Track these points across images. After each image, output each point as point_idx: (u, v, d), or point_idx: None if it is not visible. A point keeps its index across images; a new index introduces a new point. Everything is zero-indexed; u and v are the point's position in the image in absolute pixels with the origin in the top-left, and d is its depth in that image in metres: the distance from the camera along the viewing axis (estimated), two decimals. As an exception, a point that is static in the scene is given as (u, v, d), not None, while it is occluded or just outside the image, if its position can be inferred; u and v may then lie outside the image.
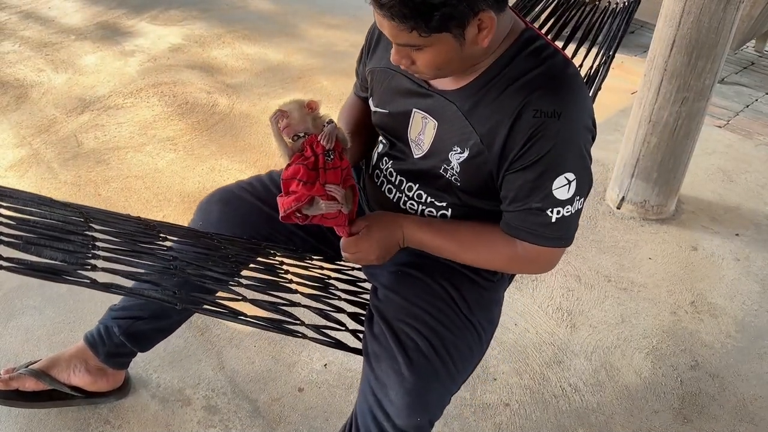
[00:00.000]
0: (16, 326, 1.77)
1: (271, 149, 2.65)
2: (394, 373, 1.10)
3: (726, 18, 2.06)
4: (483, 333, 1.21)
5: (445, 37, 0.99)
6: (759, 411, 1.74)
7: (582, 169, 1.07)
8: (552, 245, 1.12)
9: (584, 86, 1.11)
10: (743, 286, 2.16)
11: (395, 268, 1.25)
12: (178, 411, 1.58)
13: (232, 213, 1.36)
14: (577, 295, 2.05)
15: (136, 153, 2.56)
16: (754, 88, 3.64)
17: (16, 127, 2.66)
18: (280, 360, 1.74)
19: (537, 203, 1.07)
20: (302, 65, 3.40)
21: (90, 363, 1.49)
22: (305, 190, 1.11)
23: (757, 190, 2.68)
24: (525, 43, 1.08)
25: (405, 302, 1.18)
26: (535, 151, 1.04)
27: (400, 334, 1.14)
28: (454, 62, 1.04)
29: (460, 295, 1.20)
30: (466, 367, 1.19)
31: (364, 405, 1.16)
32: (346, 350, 1.21)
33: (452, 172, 1.15)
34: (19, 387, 1.46)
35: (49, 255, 0.89)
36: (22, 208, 1.00)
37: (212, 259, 1.18)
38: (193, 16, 3.89)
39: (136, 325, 1.44)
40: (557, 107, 1.03)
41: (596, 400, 1.72)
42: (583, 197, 1.10)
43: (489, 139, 1.08)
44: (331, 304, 1.24)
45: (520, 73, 1.06)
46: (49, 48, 3.35)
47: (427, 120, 1.15)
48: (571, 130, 1.04)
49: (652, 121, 2.27)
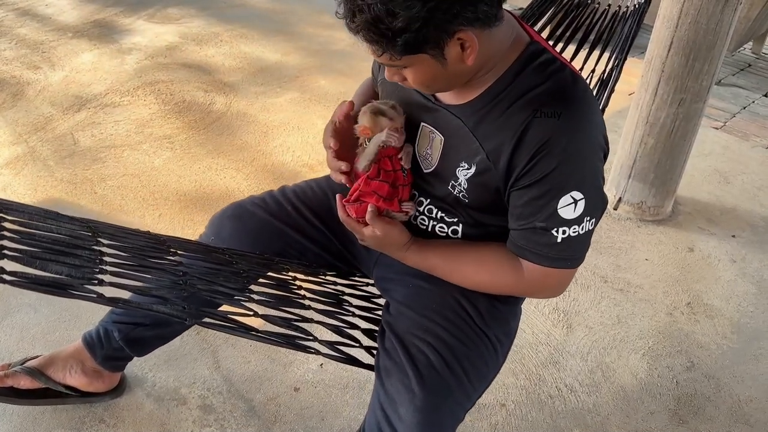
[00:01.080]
0: (11, 324, 1.76)
1: (268, 148, 2.65)
2: (405, 389, 1.07)
3: (723, 20, 2.06)
4: (499, 346, 1.18)
5: (423, 58, 0.96)
6: (754, 412, 1.74)
7: (591, 188, 1.03)
8: (557, 266, 1.07)
9: (593, 101, 1.06)
10: (739, 288, 2.16)
11: (409, 283, 1.23)
12: (173, 410, 1.58)
13: (244, 229, 1.34)
14: (574, 295, 2.05)
15: (133, 151, 2.55)
16: (751, 90, 3.65)
17: (12, 125, 2.65)
18: (276, 359, 1.73)
19: (541, 222, 1.04)
20: (300, 64, 3.40)
21: (86, 364, 1.48)
22: (384, 205, 1.14)
23: (753, 191, 2.69)
24: (530, 57, 1.04)
25: (417, 316, 1.15)
26: (540, 169, 1.01)
27: (411, 348, 1.10)
28: (441, 80, 1.02)
29: (473, 306, 1.16)
30: (481, 382, 1.15)
31: (372, 420, 1.13)
32: (360, 366, 1.19)
33: (460, 188, 1.12)
34: (14, 384, 1.45)
35: (55, 269, 0.88)
36: (28, 222, 0.99)
37: (223, 275, 1.16)
38: (191, 14, 3.88)
39: (137, 331, 1.43)
40: (563, 123, 0.99)
41: (592, 400, 1.72)
42: (593, 218, 1.05)
43: (495, 156, 1.04)
44: (345, 321, 1.22)
45: (525, 88, 1.02)
46: (45, 46, 3.34)
47: (434, 135, 1.13)
48: (578, 147, 1.01)
49: (650, 123, 2.28)
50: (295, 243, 1.34)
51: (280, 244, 1.34)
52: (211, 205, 2.28)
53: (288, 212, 1.35)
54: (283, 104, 3.00)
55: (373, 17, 0.90)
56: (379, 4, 0.88)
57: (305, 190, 1.38)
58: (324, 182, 1.40)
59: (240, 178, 2.44)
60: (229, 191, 2.37)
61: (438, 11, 0.89)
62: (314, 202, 1.36)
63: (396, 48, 0.93)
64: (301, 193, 1.38)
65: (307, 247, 1.35)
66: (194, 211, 2.25)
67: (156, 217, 2.19)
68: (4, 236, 0.90)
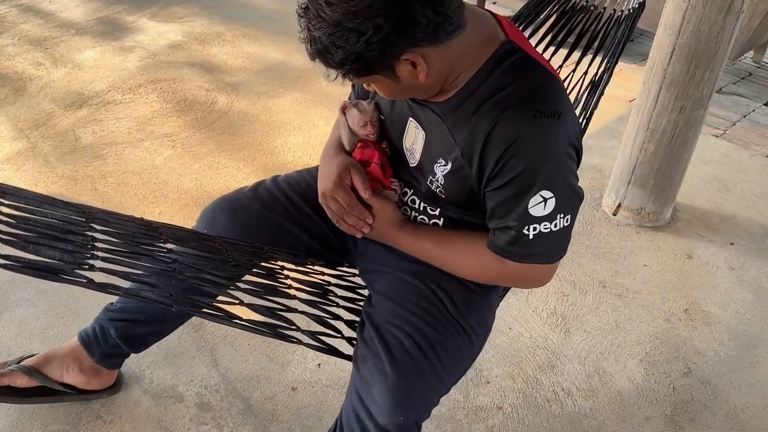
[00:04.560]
0: (9, 319, 1.76)
1: (269, 147, 2.65)
2: (378, 372, 1.10)
3: (725, 28, 2.07)
4: (473, 335, 1.21)
5: (377, 77, 1.01)
6: (750, 420, 1.74)
7: (562, 186, 1.04)
8: (533, 262, 1.10)
9: (565, 99, 1.05)
10: (737, 295, 2.16)
11: (390, 275, 1.25)
12: (170, 407, 1.58)
13: (237, 223, 1.35)
14: (572, 300, 2.06)
15: (134, 149, 2.56)
16: (752, 99, 3.65)
17: (13, 120, 2.66)
18: (274, 359, 1.74)
19: (514, 221, 1.06)
20: (302, 65, 3.40)
21: (84, 363, 1.48)
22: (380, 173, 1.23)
23: (752, 199, 2.69)
24: (503, 56, 1.04)
25: (394, 306, 1.18)
26: (509, 170, 1.02)
27: (386, 334, 1.14)
28: (404, 93, 1.07)
29: (448, 296, 1.20)
30: (454, 369, 1.18)
31: (348, 405, 1.16)
32: (339, 356, 1.22)
33: (437, 183, 1.15)
34: (11, 383, 1.45)
35: (48, 254, 0.89)
36: (24, 206, 1.00)
37: (212, 263, 1.18)
38: (194, 13, 3.89)
39: (133, 327, 1.43)
40: (529, 124, 1.00)
41: (589, 405, 1.72)
42: (567, 214, 1.06)
43: (468, 155, 1.07)
44: (329, 311, 1.24)
45: (494, 89, 1.03)
46: (48, 42, 3.34)
47: (419, 130, 1.16)
48: (545, 146, 1.02)
49: (650, 129, 2.28)
50: (286, 233, 1.35)
51: (273, 235, 1.35)
52: (212, 203, 2.28)
53: (281, 203, 1.36)
54: (285, 104, 3.00)
55: (322, 47, 0.95)
56: (324, 37, 0.93)
57: (298, 181, 1.40)
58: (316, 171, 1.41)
59: (240, 177, 2.45)
60: (229, 190, 2.34)
61: (373, 44, 0.92)
62: (307, 192, 1.37)
63: (346, 73, 0.99)
64: (294, 183, 1.39)
65: (298, 236, 1.36)
66: (194, 209, 2.25)
67: (156, 215, 2.20)
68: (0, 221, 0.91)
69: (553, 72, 1.08)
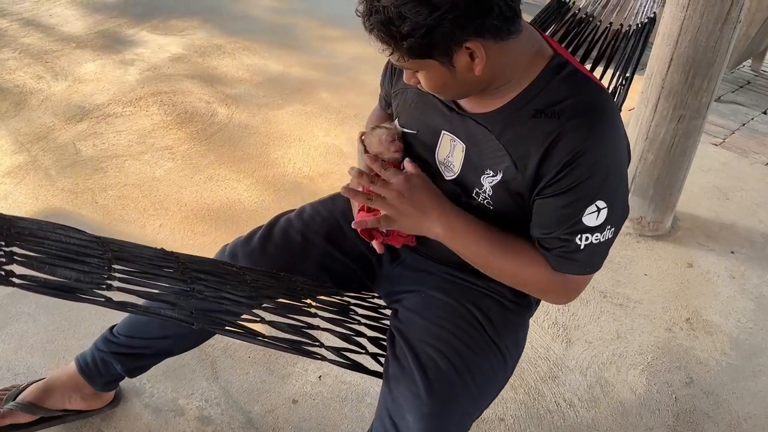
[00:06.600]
0: (9, 333, 1.76)
1: (270, 159, 2.66)
2: (412, 396, 1.08)
3: (723, 37, 2.08)
4: (508, 356, 1.19)
5: (432, 63, 0.98)
6: (753, 429, 1.73)
7: (615, 198, 1.04)
8: (577, 272, 1.09)
9: (618, 114, 1.07)
10: (738, 304, 2.16)
11: (422, 293, 1.23)
12: (171, 421, 1.58)
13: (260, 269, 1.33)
14: (573, 310, 2.05)
15: (134, 161, 2.56)
16: (750, 107, 3.66)
17: (14, 134, 2.66)
18: (275, 371, 1.73)
19: (566, 229, 1.05)
20: (302, 77, 3.42)
21: (85, 391, 1.48)
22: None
23: (752, 208, 2.69)
24: (556, 68, 1.05)
25: (428, 324, 1.16)
26: (569, 180, 1.02)
27: (422, 354, 1.11)
28: (452, 87, 1.03)
29: (485, 316, 1.17)
30: (489, 391, 1.15)
31: (379, 426, 1.13)
32: (366, 373, 1.19)
33: (484, 195, 1.12)
34: (13, 422, 1.45)
35: (64, 274, 0.88)
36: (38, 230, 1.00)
37: (232, 284, 1.16)
38: (194, 26, 3.91)
39: (140, 361, 1.44)
40: (593, 136, 1.01)
41: (591, 415, 1.72)
42: (614, 227, 1.06)
43: (523, 163, 1.05)
44: (351, 328, 1.22)
45: (554, 99, 1.03)
46: (49, 55, 3.36)
47: (455, 142, 1.13)
48: (607, 159, 1.02)
49: (649, 138, 2.29)
50: (310, 275, 1.33)
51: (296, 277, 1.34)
52: (212, 215, 2.28)
53: (300, 245, 1.33)
54: (285, 116, 3.01)
55: (386, 18, 0.93)
56: (392, 7, 0.92)
57: (313, 217, 1.37)
58: (329, 203, 1.40)
59: (241, 189, 2.45)
60: (229, 202, 2.37)
61: (445, 21, 0.92)
62: (323, 227, 1.35)
63: (403, 50, 0.96)
64: (309, 221, 1.36)
65: (321, 276, 1.34)
66: (195, 221, 2.25)
67: (156, 227, 2.20)
68: (14, 243, 0.91)
69: (601, 85, 1.09)
